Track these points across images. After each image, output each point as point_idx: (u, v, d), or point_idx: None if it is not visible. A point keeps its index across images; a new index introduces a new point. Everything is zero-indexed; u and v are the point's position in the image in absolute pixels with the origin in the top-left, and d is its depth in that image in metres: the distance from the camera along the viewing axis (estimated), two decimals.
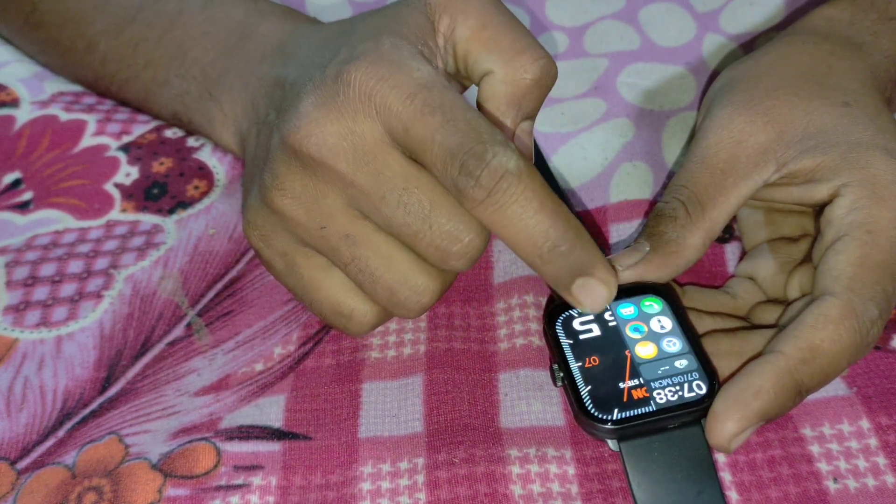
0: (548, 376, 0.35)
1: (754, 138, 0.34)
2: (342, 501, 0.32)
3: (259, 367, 0.36)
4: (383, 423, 0.34)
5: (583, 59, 0.49)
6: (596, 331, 0.32)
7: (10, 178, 0.44)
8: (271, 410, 0.35)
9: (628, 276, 0.33)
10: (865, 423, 0.33)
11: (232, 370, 0.36)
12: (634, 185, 0.42)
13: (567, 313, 0.33)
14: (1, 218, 0.42)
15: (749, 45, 0.48)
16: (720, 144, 0.34)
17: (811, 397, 0.34)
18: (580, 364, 0.31)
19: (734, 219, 0.40)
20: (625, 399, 0.30)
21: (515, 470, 0.32)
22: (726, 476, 0.32)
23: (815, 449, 0.32)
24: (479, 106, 0.33)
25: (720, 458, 0.32)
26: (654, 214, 0.34)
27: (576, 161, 0.43)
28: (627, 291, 0.33)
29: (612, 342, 0.32)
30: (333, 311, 0.33)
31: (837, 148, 0.33)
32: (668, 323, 0.32)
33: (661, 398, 0.30)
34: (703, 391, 0.30)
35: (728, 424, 0.29)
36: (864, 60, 0.37)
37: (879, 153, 0.33)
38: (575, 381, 0.31)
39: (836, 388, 0.34)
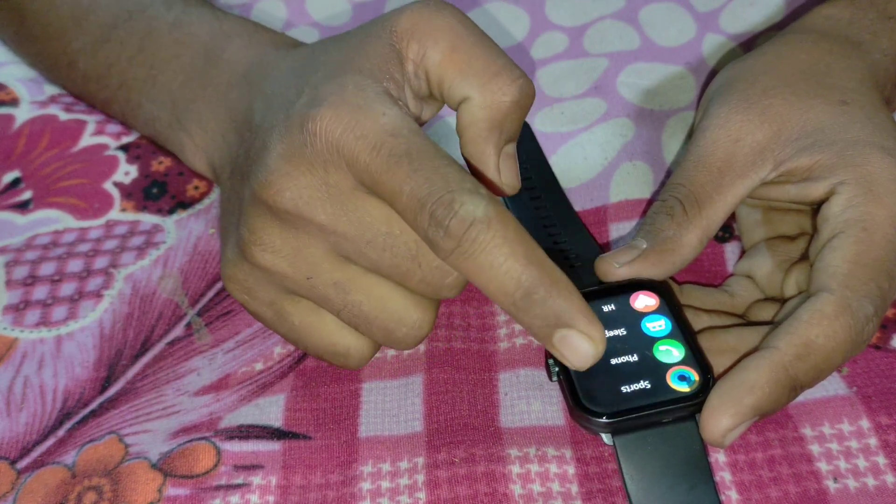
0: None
1: (751, 137, 0.34)
2: (342, 501, 0.32)
3: (259, 366, 0.36)
4: (383, 423, 0.34)
5: (583, 59, 0.49)
6: None
7: (9, 177, 0.44)
8: (271, 410, 0.35)
9: (624, 272, 0.33)
10: (865, 423, 0.33)
11: (232, 370, 0.36)
12: (634, 184, 0.42)
13: None
14: (1, 217, 0.42)
15: (749, 45, 0.48)
16: (717, 143, 0.34)
17: (811, 396, 0.34)
18: None
19: (733, 218, 0.40)
20: (619, 393, 0.30)
21: (515, 469, 0.32)
22: (726, 476, 0.32)
23: (814, 448, 0.32)
24: (460, 133, 0.32)
25: (720, 458, 0.32)
26: (651, 212, 0.34)
27: (576, 161, 0.43)
28: (623, 287, 0.33)
29: (609, 338, 0.32)
30: (329, 352, 0.33)
31: (834, 146, 0.33)
32: (663, 318, 0.32)
33: (655, 393, 0.30)
34: (698, 386, 0.30)
35: (722, 419, 0.29)
36: (862, 59, 0.37)
37: (876, 151, 0.33)
38: (570, 375, 0.31)
39: (837, 387, 0.34)
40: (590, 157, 0.43)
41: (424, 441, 0.33)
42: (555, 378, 0.32)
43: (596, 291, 0.33)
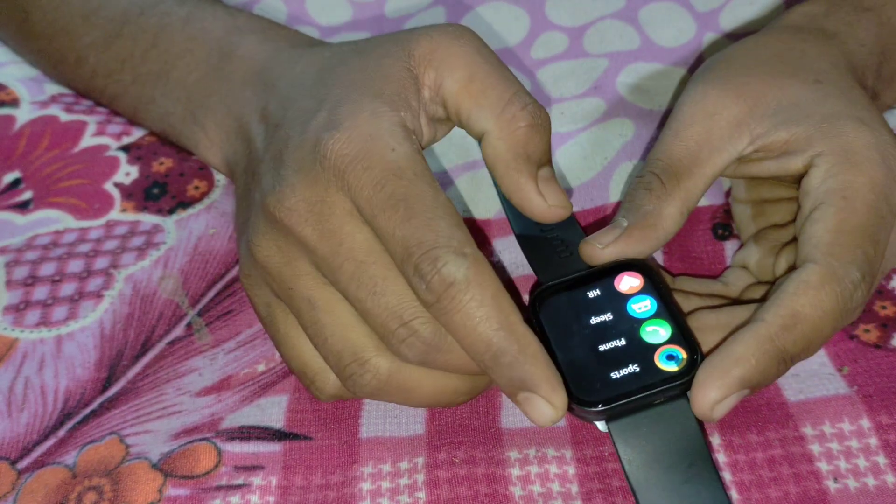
0: None
1: (727, 111, 0.34)
2: (342, 501, 0.32)
3: (261, 367, 0.36)
4: (384, 424, 0.34)
5: (583, 59, 0.49)
6: (579, 314, 0.32)
7: (9, 177, 0.44)
8: (273, 411, 0.35)
9: (609, 253, 0.33)
10: (866, 423, 0.33)
11: (234, 370, 0.36)
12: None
13: (549, 299, 0.33)
14: (1, 218, 0.42)
15: None
16: (694, 118, 0.35)
17: (812, 395, 0.34)
18: (564, 349, 0.31)
19: (732, 217, 0.40)
20: (609, 380, 0.30)
21: (515, 472, 0.32)
22: (726, 475, 0.32)
23: (815, 448, 0.32)
24: (491, 171, 0.33)
25: (720, 458, 0.32)
26: (630, 190, 0.34)
27: (575, 161, 0.43)
28: (608, 270, 0.33)
29: (596, 324, 0.32)
30: (300, 370, 0.33)
31: (810, 119, 0.33)
32: (648, 298, 0.32)
33: (644, 375, 0.30)
34: (686, 364, 0.30)
35: (710, 392, 0.29)
36: (836, 47, 0.37)
37: (851, 121, 0.33)
38: (560, 366, 0.31)
39: (837, 386, 0.34)
40: (589, 157, 0.43)
41: (425, 442, 0.33)
42: None
43: (581, 278, 0.33)
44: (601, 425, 0.31)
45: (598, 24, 0.50)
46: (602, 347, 0.31)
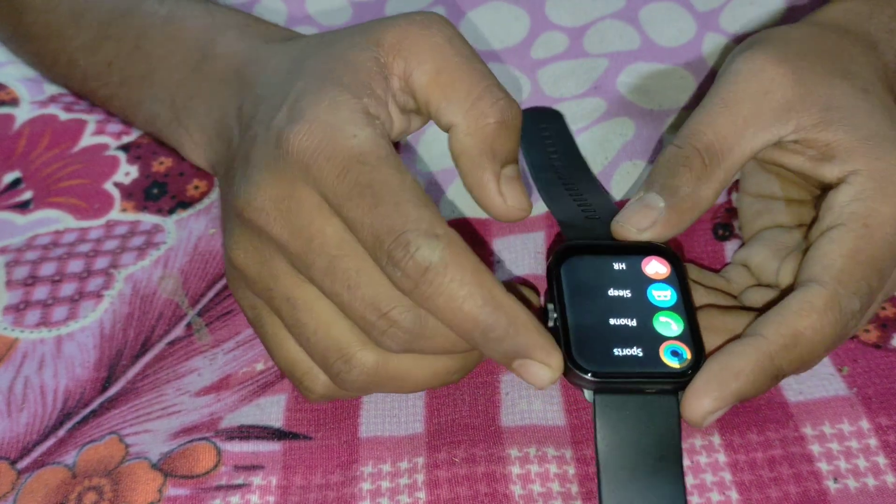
0: None
1: (781, 92, 0.33)
2: (342, 501, 0.32)
3: (260, 366, 0.36)
4: (384, 423, 0.34)
5: (583, 59, 0.49)
6: (599, 281, 0.32)
7: (9, 177, 0.44)
8: (272, 410, 0.35)
9: (645, 237, 0.32)
10: (865, 424, 0.33)
11: (233, 370, 0.36)
12: (635, 184, 0.42)
13: (574, 257, 0.33)
14: (1, 218, 0.42)
15: None
16: (747, 91, 0.34)
17: (811, 396, 0.34)
18: (575, 309, 0.31)
19: (734, 216, 0.40)
20: (610, 355, 0.30)
21: (515, 470, 0.32)
22: (726, 476, 0.32)
23: (815, 448, 0.32)
24: (456, 165, 0.32)
25: (720, 458, 0.32)
26: (665, 160, 0.33)
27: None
28: (638, 248, 0.33)
29: (613, 297, 0.32)
30: (289, 370, 0.33)
31: (857, 131, 0.33)
32: (670, 289, 0.32)
33: (645, 362, 0.30)
34: (688, 365, 0.30)
35: (705, 401, 0.29)
36: (879, 58, 0.37)
37: (891, 147, 0.33)
38: (567, 326, 0.31)
39: (837, 387, 0.34)
40: (590, 157, 0.43)
41: (425, 441, 0.33)
42: (550, 323, 0.32)
43: (610, 247, 0.33)
44: (588, 394, 0.31)
45: (599, 24, 0.50)
46: (613, 321, 0.31)
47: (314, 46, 0.34)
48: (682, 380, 0.30)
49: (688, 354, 0.31)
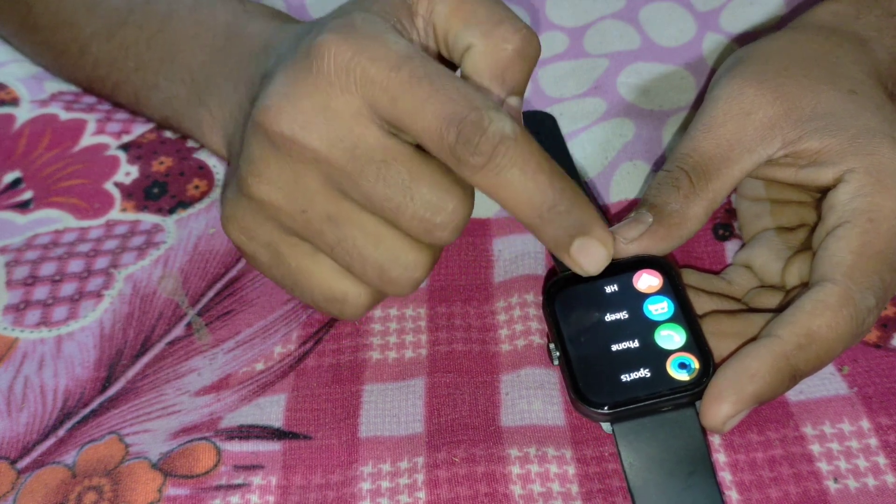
0: (548, 375, 0.35)
1: (763, 112, 0.34)
2: (342, 501, 0.32)
3: (260, 366, 0.36)
4: (384, 423, 0.34)
5: (583, 59, 0.49)
6: (594, 309, 0.32)
7: (10, 177, 0.44)
8: (272, 410, 0.35)
9: (633, 249, 0.33)
10: (866, 423, 0.33)
11: (233, 370, 0.36)
12: (635, 184, 0.42)
13: (566, 290, 0.33)
14: (1, 217, 0.42)
15: None
16: (728, 114, 0.34)
17: (812, 396, 0.34)
18: (576, 344, 0.31)
19: (734, 216, 0.40)
20: (619, 382, 0.30)
21: (515, 470, 0.32)
22: (727, 476, 0.32)
23: (815, 448, 0.32)
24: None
25: (720, 458, 0.32)
26: (655, 183, 0.34)
27: (576, 160, 0.43)
28: (627, 265, 0.33)
29: (611, 322, 0.32)
30: (326, 297, 0.33)
31: (845, 132, 0.33)
32: (666, 300, 0.32)
33: (655, 382, 0.30)
34: (698, 374, 0.30)
35: (723, 406, 0.29)
36: (868, 55, 0.37)
37: (886, 140, 0.33)
38: (570, 362, 0.31)
39: (838, 387, 0.34)
40: (590, 157, 0.43)
41: (425, 441, 0.33)
42: (555, 362, 0.32)
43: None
44: (606, 427, 0.31)
45: (599, 24, 0.50)
46: (615, 347, 0.31)
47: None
48: (695, 390, 0.30)
49: (695, 364, 0.30)
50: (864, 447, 0.32)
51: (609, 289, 0.33)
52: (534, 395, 0.34)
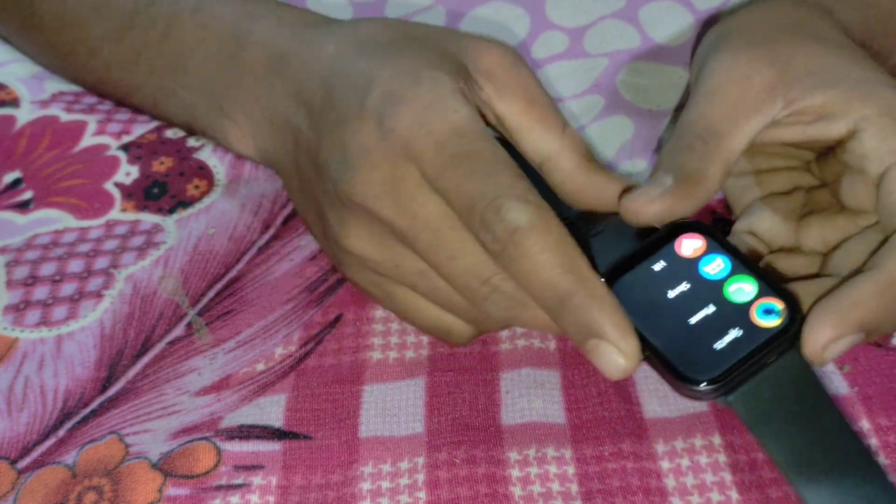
0: (548, 375, 0.35)
1: (760, 76, 0.34)
2: (342, 501, 0.32)
3: (260, 366, 0.36)
4: (384, 423, 0.34)
5: (583, 59, 0.49)
6: (652, 292, 0.31)
7: (10, 177, 0.44)
8: (272, 410, 0.35)
9: (655, 209, 0.31)
10: (866, 424, 0.33)
11: (233, 370, 0.36)
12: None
13: (614, 286, 0.31)
14: (1, 217, 0.42)
15: None
16: (730, 81, 0.34)
17: None
18: (654, 333, 0.30)
19: (731, 213, 0.40)
20: (714, 352, 0.29)
21: (515, 473, 0.32)
22: (727, 476, 0.32)
23: None
24: (562, 191, 0.34)
25: (720, 459, 0.32)
26: (667, 150, 0.33)
27: None
28: (661, 240, 0.32)
29: (675, 297, 0.30)
30: (435, 328, 0.34)
31: (844, 83, 0.33)
32: (718, 256, 0.31)
33: (749, 339, 0.29)
34: (788, 314, 0.29)
35: (824, 331, 0.28)
36: (838, 23, 0.38)
37: (884, 87, 0.33)
38: (658, 352, 0.29)
39: (838, 386, 0.34)
40: None
41: (425, 441, 0.33)
42: (642, 357, 0.30)
43: (637, 253, 0.31)
44: (721, 400, 0.29)
45: (599, 23, 0.50)
46: (692, 320, 0.30)
47: (385, 32, 0.35)
48: (790, 330, 0.29)
49: (780, 305, 0.29)
50: None
51: (657, 267, 0.31)
52: (534, 394, 0.34)
